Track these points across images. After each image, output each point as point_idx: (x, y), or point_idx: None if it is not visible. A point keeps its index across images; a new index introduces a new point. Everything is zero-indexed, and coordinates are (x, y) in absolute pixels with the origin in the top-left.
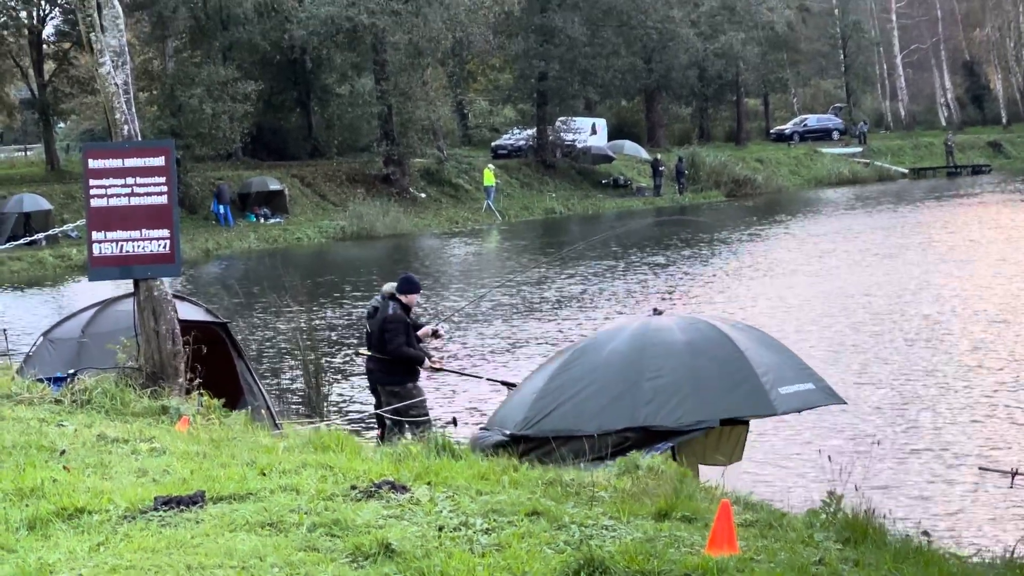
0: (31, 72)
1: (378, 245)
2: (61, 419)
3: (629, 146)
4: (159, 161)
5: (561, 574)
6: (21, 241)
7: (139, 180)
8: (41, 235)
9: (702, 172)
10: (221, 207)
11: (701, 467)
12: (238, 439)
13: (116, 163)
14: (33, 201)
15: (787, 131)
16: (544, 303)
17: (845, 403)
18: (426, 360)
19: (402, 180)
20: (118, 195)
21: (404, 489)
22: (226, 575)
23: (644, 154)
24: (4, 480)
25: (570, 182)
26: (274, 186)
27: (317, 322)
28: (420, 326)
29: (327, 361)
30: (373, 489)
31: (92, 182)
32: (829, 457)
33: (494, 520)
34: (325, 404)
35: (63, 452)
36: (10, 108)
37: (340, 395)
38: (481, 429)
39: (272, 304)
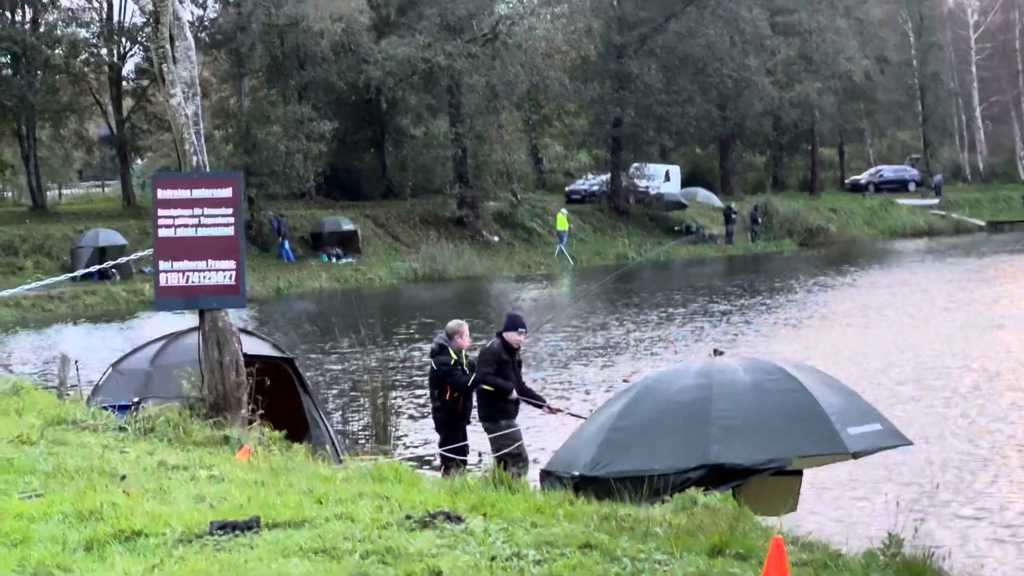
0: (110, 109)
1: (450, 287)
2: (124, 446)
3: (702, 194)
4: (227, 192)
5: None
6: (91, 269)
7: (207, 211)
8: (110, 263)
9: (775, 220)
10: (285, 242)
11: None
12: (297, 469)
13: (184, 193)
14: (108, 236)
15: (862, 181)
16: (602, 348)
17: (912, 444)
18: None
19: (475, 223)
20: (185, 225)
21: (459, 520)
22: None
23: (717, 202)
24: (65, 503)
25: (643, 228)
26: (347, 226)
27: (389, 362)
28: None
29: (396, 398)
30: (428, 519)
31: (160, 212)
32: (897, 503)
33: (546, 552)
34: (391, 441)
35: (123, 477)
36: (89, 144)
37: (406, 433)
38: (543, 471)
39: (343, 342)
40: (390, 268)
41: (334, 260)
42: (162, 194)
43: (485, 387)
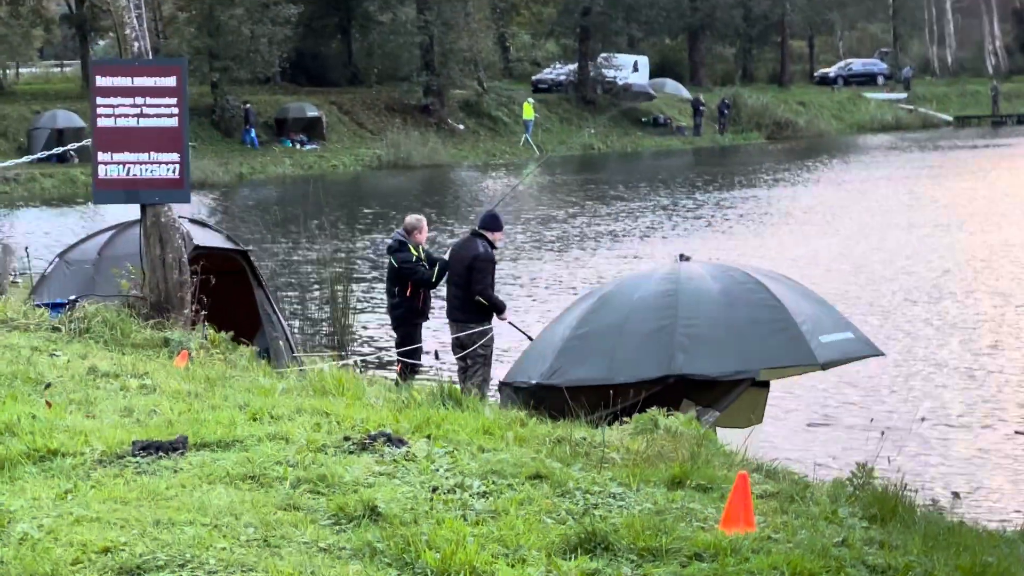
0: None
1: (414, 175)
2: (55, 348)
3: (671, 85)
4: (170, 81)
5: (559, 549)
6: (52, 151)
7: (149, 100)
8: (73, 146)
9: (743, 113)
10: (252, 129)
11: (720, 430)
12: (236, 378)
13: (125, 81)
14: (66, 117)
15: (831, 74)
16: (556, 242)
17: (884, 354)
18: (505, 311)
19: (441, 111)
20: (126, 115)
21: (401, 442)
22: (196, 533)
23: (685, 93)
24: None
25: (609, 119)
26: (312, 112)
27: (349, 252)
28: (436, 260)
29: (357, 291)
30: (367, 441)
31: (99, 100)
32: (872, 420)
33: (492, 482)
34: (347, 337)
35: (48, 386)
36: (48, 22)
37: (364, 327)
38: (501, 383)
39: (304, 232)
40: (354, 155)
41: (298, 146)
42: (101, 82)
43: (480, 299)
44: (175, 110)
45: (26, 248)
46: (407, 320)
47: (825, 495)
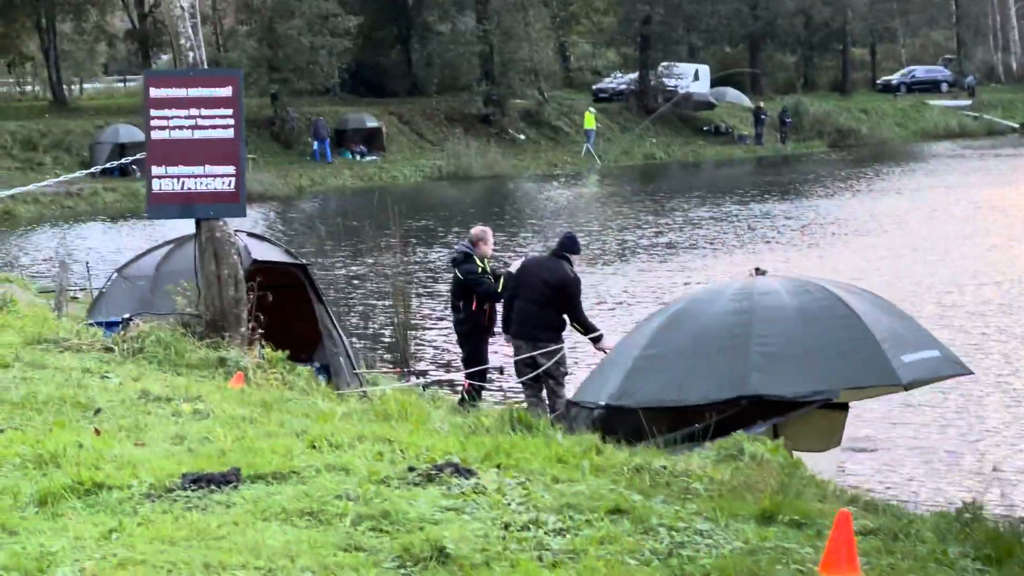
0: (132, 1)
1: (475, 186)
2: (108, 370)
3: (732, 93)
4: (226, 92)
5: None
6: (111, 164)
7: (204, 112)
8: (129, 159)
9: (805, 121)
10: (316, 143)
11: (797, 454)
12: (294, 401)
13: (179, 92)
14: (128, 132)
15: (894, 82)
16: (629, 252)
17: (973, 373)
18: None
19: (501, 121)
20: (181, 127)
21: (469, 473)
22: None
23: (747, 102)
24: (26, 442)
25: (671, 128)
26: (371, 123)
27: (412, 264)
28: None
29: (420, 305)
30: (433, 472)
31: (153, 112)
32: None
33: (569, 518)
34: (410, 352)
35: (98, 412)
36: (111, 38)
37: (430, 342)
38: (569, 402)
39: (366, 244)
40: (414, 166)
41: (358, 157)
42: (155, 93)
43: (577, 326)
44: (231, 121)
45: (86, 263)
46: (473, 336)
47: (930, 531)
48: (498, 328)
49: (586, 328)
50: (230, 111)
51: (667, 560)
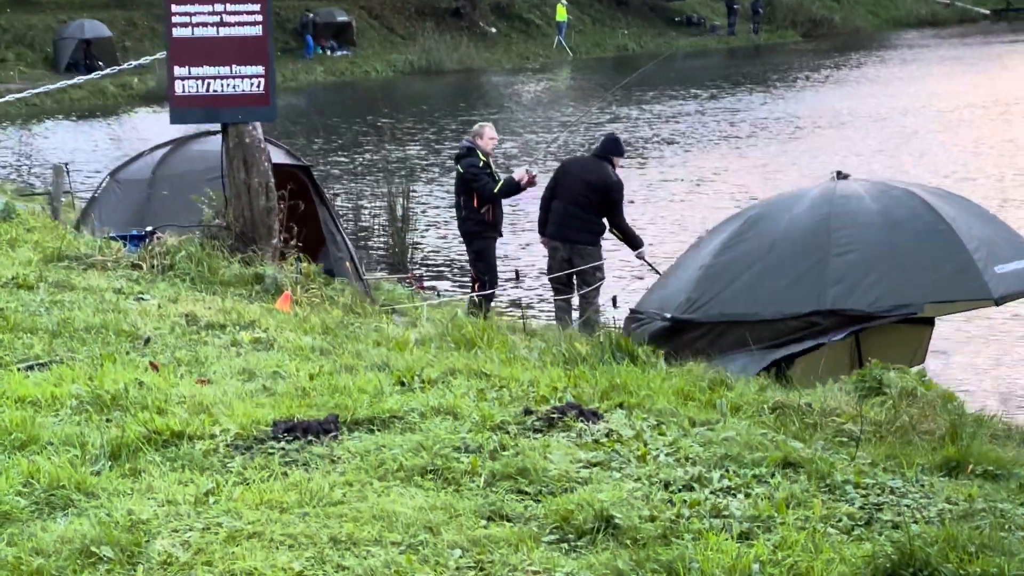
0: None
1: (447, 80)
2: (141, 290)
3: None
4: None
5: None
6: (93, 75)
7: (229, 7)
8: (123, 66)
9: (778, 12)
10: (309, 38)
11: None
12: (356, 325)
13: None
14: (93, 27)
15: None
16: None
17: None
18: (643, 247)
19: (472, 14)
20: (205, 24)
21: (595, 416)
22: (389, 558)
23: None
24: (78, 379)
25: (643, 19)
26: (341, 17)
27: (398, 161)
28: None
29: (414, 204)
30: (555, 415)
31: (174, 7)
32: None
33: (734, 473)
34: (409, 254)
35: (147, 341)
36: None
37: (426, 244)
38: (632, 312)
39: (348, 141)
40: (386, 61)
41: (328, 52)
42: None
43: (617, 232)
44: (259, 17)
45: (65, 165)
46: (478, 234)
47: None
48: (513, 230)
49: (626, 235)
50: (258, 6)
51: (868, 527)
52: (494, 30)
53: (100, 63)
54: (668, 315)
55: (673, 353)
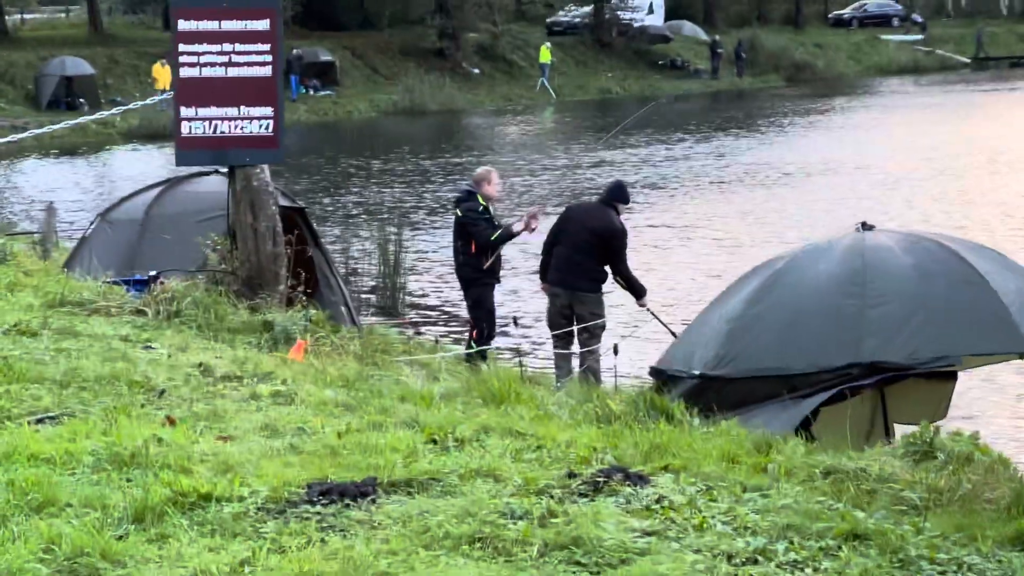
0: None
1: (430, 120)
2: (148, 337)
3: (688, 27)
4: (263, 25)
5: None
6: (84, 120)
7: (238, 47)
8: (135, 107)
9: (761, 56)
10: (293, 78)
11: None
12: (376, 378)
13: (211, 26)
14: (75, 64)
15: (846, 16)
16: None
17: None
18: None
19: (456, 55)
20: (213, 64)
21: (641, 480)
22: None
23: (703, 35)
24: (92, 435)
25: (626, 62)
26: (325, 57)
27: (389, 203)
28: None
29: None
30: (601, 479)
31: (182, 47)
32: None
33: (799, 545)
34: (402, 299)
35: (162, 393)
36: None
37: (418, 290)
38: (653, 369)
39: (334, 182)
40: (369, 101)
41: (312, 92)
42: (184, 26)
43: (620, 280)
44: (268, 58)
45: (50, 204)
46: (476, 281)
47: None
48: (511, 272)
49: (630, 283)
50: (268, 46)
51: None
52: (477, 71)
53: (82, 100)
54: (696, 371)
55: (704, 410)
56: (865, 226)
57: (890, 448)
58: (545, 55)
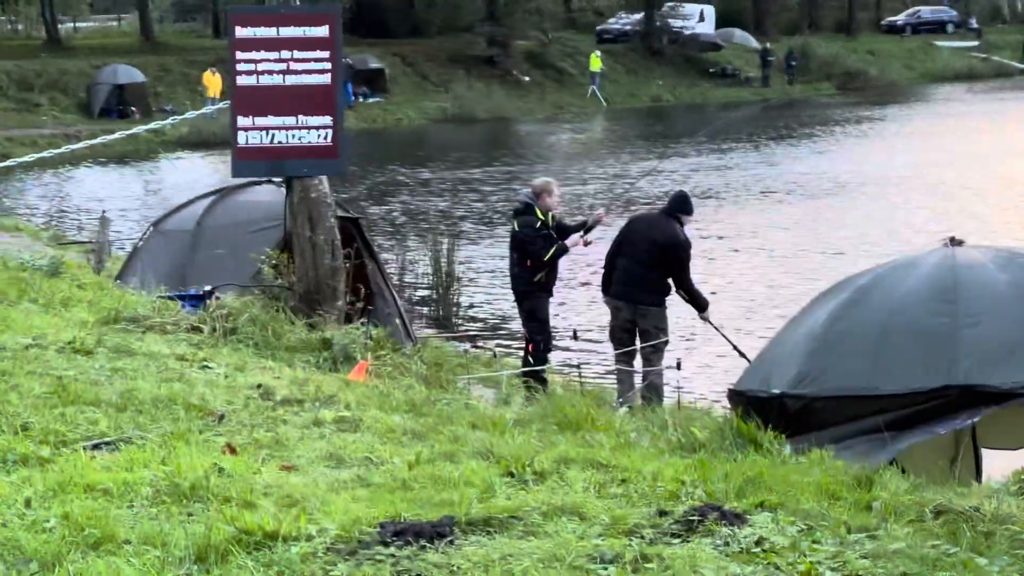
0: None
1: (480, 128)
2: (204, 356)
3: (738, 35)
4: (322, 32)
5: None
6: (139, 130)
7: (297, 55)
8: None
9: (812, 63)
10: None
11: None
12: (443, 402)
13: (269, 32)
14: (127, 73)
15: (899, 23)
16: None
17: None
18: (708, 308)
19: (505, 62)
20: (271, 72)
21: (737, 518)
22: None
23: (754, 43)
24: (151, 463)
25: (677, 70)
26: (374, 64)
27: (440, 214)
28: (570, 229)
29: (460, 260)
30: (695, 518)
31: (239, 55)
32: None
33: None
34: (456, 312)
35: (221, 418)
36: None
37: (474, 302)
38: (732, 391)
39: (383, 190)
40: (418, 108)
41: (361, 99)
42: (241, 33)
43: (683, 293)
44: (327, 65)
45: (103, 213)
46: (529, 294)
47: None
48: (567, 285)
49: (693, 296)
50: (327, 53)
51: None
52: (527, 79)
53: (133, 108)
54: (776, 391)
55: (784, 431)
56: (954, 241)
57: (1002, 484)
58: (595, 63)
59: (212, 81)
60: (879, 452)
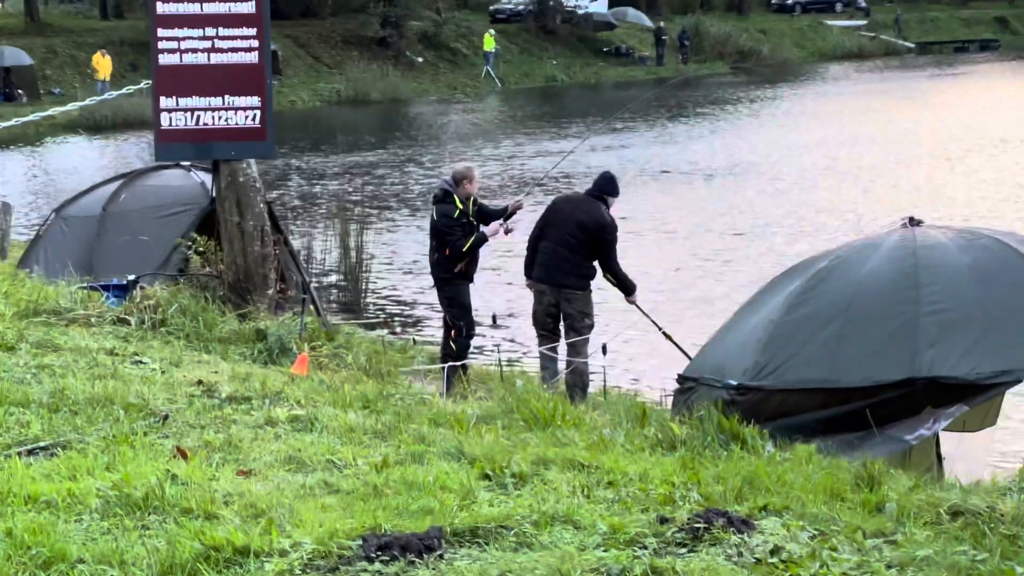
0: None
1: (374, 110)
2: (135, 350)
3: (632, 14)
4: (248, 7)
5: None
6: (34, 117)
7: (222, 32)
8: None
9: (705, 42)
10: None
11: (945, 435)
12: (397, 397)
13: (193, 8)
14: (13, 55)
15: (789, 2)
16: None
17: None
18: (635, 292)
19: (399, 43)
20: (195, 50)
21: (745, 524)
22: None
23: (647, 22)
24: (96, 470)
25: (571, 49)
26: None
27: (331, 195)
28: (492, 213)
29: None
30: (700, 524)
31: (161, 32)
32: None
33: None
34: (365, 297)
35: (165, 418)
36: None
37: (381, 285)
38: (681, 376)
39: (277, 174)
40: (312, 90)
41: None
42: (162, 8)
43: (610, 277)
44: (255, 43)
45: (3, 200)
46: (448, 280)
47: None
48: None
49: (619, 279)
50: (254, 30)
51: None
52: (421, 60)
53: (20, 91)
54: (734, 382)
55: (742, 422)
56: (913, 221)
57: (1011, 481)
58: (489, 43)
59: (102, 63)
60: (850, 452)
